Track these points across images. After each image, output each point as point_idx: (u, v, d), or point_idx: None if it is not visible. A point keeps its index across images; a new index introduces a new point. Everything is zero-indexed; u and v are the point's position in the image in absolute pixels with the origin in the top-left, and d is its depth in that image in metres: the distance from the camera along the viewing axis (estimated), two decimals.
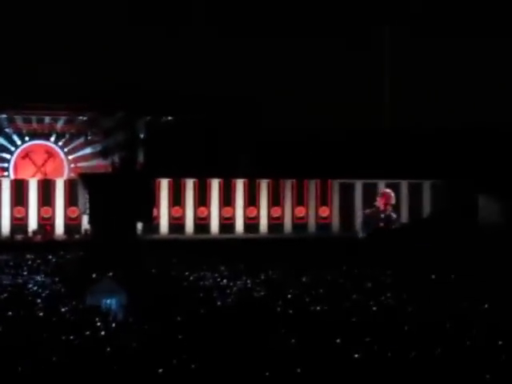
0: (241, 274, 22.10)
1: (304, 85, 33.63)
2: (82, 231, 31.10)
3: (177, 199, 32.47)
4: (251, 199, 33.01)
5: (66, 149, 33.09)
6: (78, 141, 32.98)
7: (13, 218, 31.30)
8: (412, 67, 33.92)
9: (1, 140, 32.43)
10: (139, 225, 29.25)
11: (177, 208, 32.41)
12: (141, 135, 31.44)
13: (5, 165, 32.64)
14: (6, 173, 32.63)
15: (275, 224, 33.19)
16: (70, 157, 33.09)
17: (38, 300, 17.72)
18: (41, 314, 15.94)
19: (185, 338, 13.64)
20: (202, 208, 32.58)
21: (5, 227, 31.13)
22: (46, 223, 31.44)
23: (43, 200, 31.58)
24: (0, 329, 14.31)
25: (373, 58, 34.73)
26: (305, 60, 33.66)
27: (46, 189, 31.68)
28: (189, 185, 32.61)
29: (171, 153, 30.51)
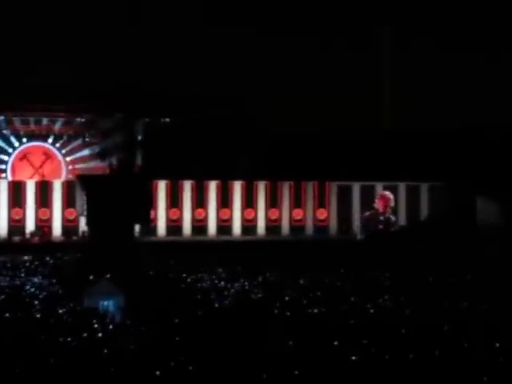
0: (238, 276, 22.10)
1: (302, 86, 33.62)
2: (80, 233, 31.06)
3: (174, 201, 32.44)
4: (249, 201, 32.98)
5: (64, 150, 33.03)
6: (76, 142, 32.92)
7: (10, 220, 31.27)
8: (410, 69, 33.92)
9: None
10: (137, 227, 29.25)
11: (174, 210, 32.38)
12: (138, 137, 31.40)
13: (2, 166, 32.58)
14: (4, 174, 32.55)
15: (273, 226, 33.16)
16: (68, 158, 33.03)
17: (36, 302, 17.72)
18: (38, 316, 15.94)
19: (182, 340, 13.64)
20: (200, 210, 32.55)
21: (2, 229, 31.08)
22: (44, 225, 31.40)
23: (41, 202, 31.52)
24: None
25: (371, 60, 34.73)
26: (304, 61, 33.65)
27: (44, 190, 31.64)
28: (186, 187, 32.58)
29: (169, 155, 30.48)
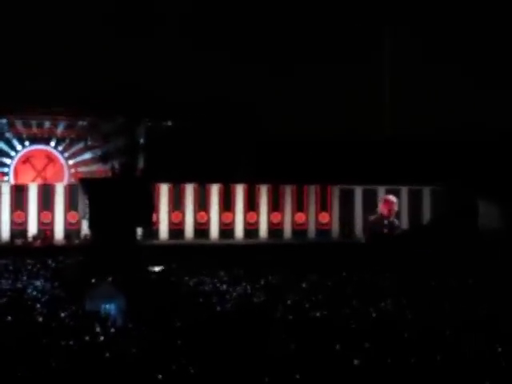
0: (240, 280, 22.10)
1: (304, 91, 33.60)
2: (82, 236, 31.08)
3: (176, 204, 32.45)
4: (251, 204, 32.99)
5: (66, 154, 33.04)
6: (78, 146, 32.94)
7: (13, 223, 31.29)
8: (412, 74, 33.89)
9: (1, 145, 32.38)
10: (139, 230, 29.26)
11: (176, 213, 32.38)
12: (141, 140, 31.41)
13: (5, 169, 32.60)
14: (6, 177, 32.57)
15: (275, 229, 33.16)
16: (70, 162, 33.04)
17: (38, 305, 17.72)
18: (40, 319, 15.95)
19: (184, 344, 13.64)
20: (202, 213, 32.55)
21: (5, 232, 31.10)
22: (46, 228, 31.42)
23: (43, 205, 31.56)
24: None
25: (374, 64, 34.71)
26: (306, 67, 33.63)
27: (46, 194, 31.67)
28: (188, 190, 32.58)
29: (171, 158, 30.48)
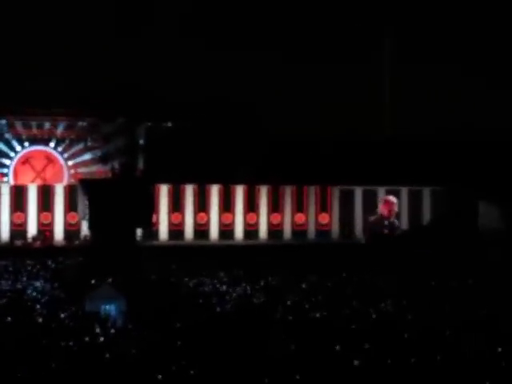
0: (240, 281, 22.09)
1: (304, 92, 33.58)
2: (82, 237, 31.05)
3: (176, 205, 32.44)
4: (251, 205, 32.98)
5: (66, 154, 33.01)
6: (78, 147, 32.91)
7: (12, 224, 31.27)
8: (412, 74, 33.87)
9: (0, 146, 32.36)
10: (139, 231, 29.25)
11: (176, 214, 32.37)
12: (140, 141, 31.39)
13: (4, 170, 32.57)
14: (6, 178, 32.55)
15: (275, 230, 33.15)
16: (70, 162, 33.01)
17: (38, 306, 17.72)
18: (40, 320, 15.94)
19: (184, 345, 13.63)
20: (202, 214, 32.54)
21: (4, 233, 31.09)
22: (46, 229, 31.39)
23: (43, 206, 31.55)
24: None
25: (374, 65, 34.68)
26: (306, 68, 33.60)
27: (46, 194, 31.66)
28: (188, 191, 32.57)
29: (171, 159, 30.45)
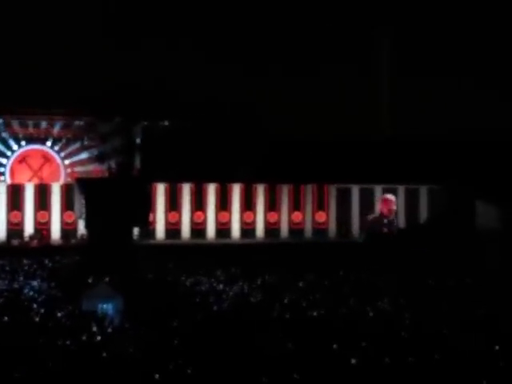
0: (237, 279, 22.08)
1: (302, 90, 33.56)
2: (79, 236, 31.01)
3: (173, 204, 32.41)
4: (248, 204, 32.96)
5: (63, 153, 32.97)
6: (75, 145, 32.86)
7: (9, 223, 31.22)
8: (411, 73, 33.85)
9: None
10: (135, 230, 29.22)
11: (173, 213, 32.33)
12: (137, 140, 31.36)
13: (1, 169, 32.53)
14: (3, 177, 32.51)
15: (272, 229, 33.13)
16: (67, 161, 32.97)
17: (34, 305, 17.69)
18: (37, 319, 15.92)
19: (181, 344, 13.62)
20: (199, 213, 32.51)
21: (1, 232, 31.01)
22: (43, 228, 31.34)
23: (39, 205, 31.49)
24: None
25: (371, 64, 34.68)
26: (305, 67, 33.58)
27: (43, 193, 31.61)
28: (185, 190, 32.55)
29: (168, 158, 30.42)
